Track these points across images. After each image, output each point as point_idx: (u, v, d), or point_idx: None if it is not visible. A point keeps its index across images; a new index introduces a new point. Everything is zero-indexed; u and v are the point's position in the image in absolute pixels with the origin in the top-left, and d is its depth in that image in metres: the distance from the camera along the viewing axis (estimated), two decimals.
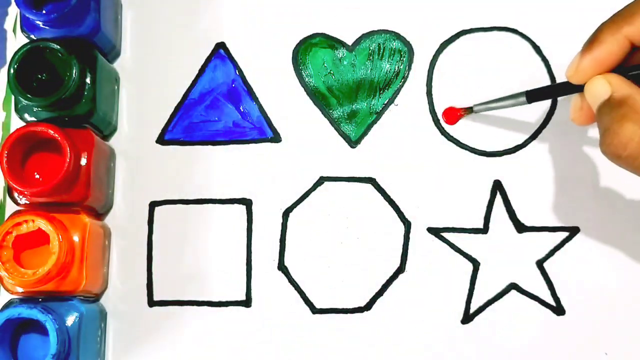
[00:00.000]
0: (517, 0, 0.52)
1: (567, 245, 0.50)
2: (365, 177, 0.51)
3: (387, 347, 0.49)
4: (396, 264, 0.50)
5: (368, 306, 0.50)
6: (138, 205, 0.51)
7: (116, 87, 0.52)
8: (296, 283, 0.50)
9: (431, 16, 0.52)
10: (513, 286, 0.50)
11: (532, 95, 0.47)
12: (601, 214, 0.50)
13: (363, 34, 0.52)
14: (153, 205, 0.51)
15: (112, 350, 0.49)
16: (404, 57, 0.52)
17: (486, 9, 0.52)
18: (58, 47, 0.46)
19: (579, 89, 0.43)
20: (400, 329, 0.49)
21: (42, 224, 0.45)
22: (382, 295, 0.50)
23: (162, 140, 0.52)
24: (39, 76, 0.48)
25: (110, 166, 0.51)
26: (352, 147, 0.52)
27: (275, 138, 0.52)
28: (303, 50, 0.53)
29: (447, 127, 0.51)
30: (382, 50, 0.52)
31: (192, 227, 0.51)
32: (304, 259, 0.50)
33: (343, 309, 0.50)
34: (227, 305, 0.50)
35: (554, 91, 0.48)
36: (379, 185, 0.51)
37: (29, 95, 0.46)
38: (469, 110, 0.51)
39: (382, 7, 0.53)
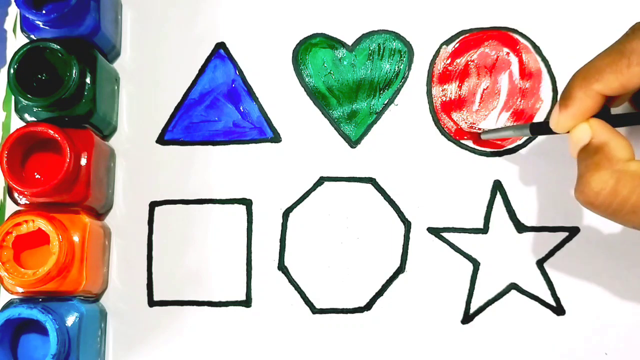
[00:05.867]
0: (517, 0, 0.52)
1: (567, 245, 0.50)
2: (365, 177, 0.51)
3: (387, 347, 0.49)
4: (396, 264, 0.50)
5: (368, 306, 0.50)
6: (138, 205, 0.51)
7: (116, 87, 0.52)
8: (296, 283, 0.50)
9: (431, 16, 0.52)
10: (513, 286, 0.50)
11: (535, 129, 0.46)
12: None
13: (363, 34, 0.52)
14: (153, 205, 0.51)
15: (112, 350, 0.49)
16: (404, 57, 0.52)
17: (486, 9, 0.52)
18: (58, 47, 0.46)
19: None
20: (400, 329, 0.49)
21: (42, 224, 0.45)
22: (382, 295, 0.50)
23: (162, 140, 0.52)
24: (39, 76, 0.48)
25: (110, 166, 0.51)
26: (352, 147, 0.52)
27: (275, 138, 0.52)
28: (303, 50, 0.53)
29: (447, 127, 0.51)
30: (382, 50, 0.52)
31: (192, 227, 0.51)
32: (304, 259, 0.50)
33: (343, 309, 0.50)
34: (227, 305, 0.50)
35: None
36: (379, 185, 0.51)
37: (29, 95, 0.46)
38: (477, 135, 0.51)
39: (382, 7, 0.53)
